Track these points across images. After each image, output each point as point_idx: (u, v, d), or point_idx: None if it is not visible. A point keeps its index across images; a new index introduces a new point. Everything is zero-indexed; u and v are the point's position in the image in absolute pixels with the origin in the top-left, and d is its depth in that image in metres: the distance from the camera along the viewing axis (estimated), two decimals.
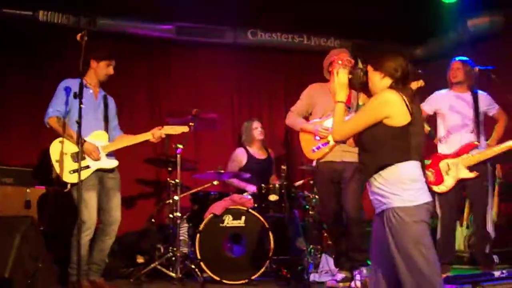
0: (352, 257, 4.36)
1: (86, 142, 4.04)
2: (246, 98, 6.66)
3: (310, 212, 5.22)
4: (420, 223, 2.61)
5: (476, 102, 4.62)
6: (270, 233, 4.60)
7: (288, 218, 4.87)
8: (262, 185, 4.95)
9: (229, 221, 4.71)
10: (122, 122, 4.51)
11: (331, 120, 3.16)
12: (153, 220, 5.36)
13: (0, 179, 4.80)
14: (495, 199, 5.24)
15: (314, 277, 4.64)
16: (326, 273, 4.70)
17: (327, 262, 4.78)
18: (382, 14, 6.08)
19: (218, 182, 5.20)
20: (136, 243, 5.20)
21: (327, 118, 4.37)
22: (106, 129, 4.27)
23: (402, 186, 2.63)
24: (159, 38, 6.17)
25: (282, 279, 4.61)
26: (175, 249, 4.60)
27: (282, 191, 4.82)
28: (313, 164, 4.66)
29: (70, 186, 4.01)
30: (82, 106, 3.61)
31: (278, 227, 4.82)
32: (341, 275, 4.43)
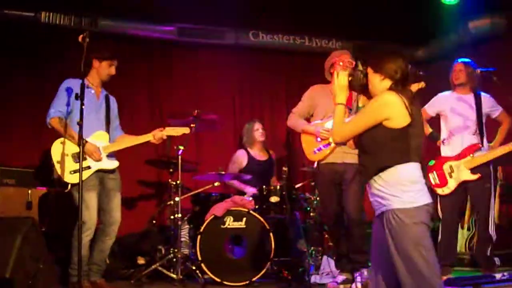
0: (353, 258, 4.35)
1: (88, 143, 4.04)
2: (247, 100, 6.66)
3: (311, 213, 5.22)
4: (420, 225, 2.60)
5: (478, 104, 4.61)
6: (271, 234, 4.60)
7: (289, 220, 4.86)
8: (263, 186, 4.94)
9: (230, 222, 4.70)
10: (122, 124, 4.51)
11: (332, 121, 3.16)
12: (154, 221, 5.37)
13: (2, 180, 4.80)
14: (496, 201, 5.23)
15: (315, 278, 4.64)
16: (327, 274, 4.70)
17: (328, 263, 4.78)
18: (383, 16, 6.09)
19: (219, 184, 5.20)
20: (137, 244, 5.20)
21: (329, 119, 4.37)
22: (107, 129, 4.27)
23: (402, 188, 2.63)
24: (160, 39, 6.17)
25: (283, 281, 4.60)
26: (176, 250, 4.60)
27: (283, 193, 4.81)
28: (314, 165, 4.66)
29: (70, 186, 4.01)
30: (83, 107, 3.61)
31: (279, 229, 4.81)
32: (342, 277, 4.43)
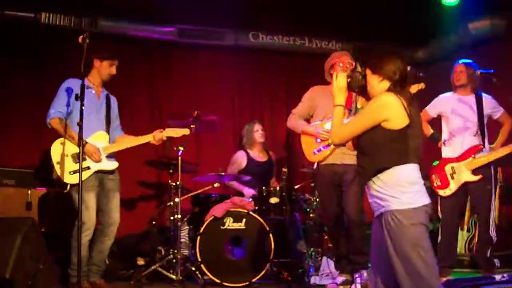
0: (353, 260, 4.35)
1: (88, 144, 4.04)
2: (247, 101, 6.66)
3: (311, 214, 5.21)
4: (418, 226, 2.60)
5: (480, 105, 4.61)
6: (271, 235, 4.60)
7: (288, 221, 4.86)
8: (263, 187, 4.94)
9: (229, 223, 4.70)
10: (122, 124, 4.51)
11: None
12: (154, 222, 5.37)
13: (1, 181, 4.80)
14: (496, 202, 5.23)
15: (315, 280, 4.63)
16: (327, 276, 4.69)
17: (328, 265, 4.77)
18: (383, 17, 6.09)
19: (219, 185, 5.20)
20: (136, 245, 5.20)
21: (328, 120, 4.36)
22: (107, 129, 4.27)
23: (401, 189, 2.63)
24: (160, 40, 6.17)
25: (283, 282, 4.60)
26: (176, 251, 4.60)
27: (283, 194, 4.81)
28: (314, 166, 4.66)
29: (69, 187, 4.01)
30: (83, 107, 3.60)
31: (279, 230, 4.81)
32: (341, 278, 4.43)
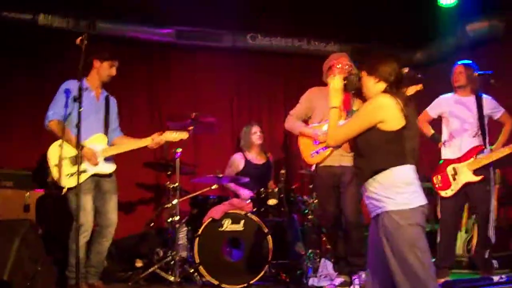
0: (351, 261, 4.36)
1: (85, 147, 4.02)
2: (245, 102, 6.65)
3: (309, 216, 5.19)
4: (415, 226, 2.60)
5: (479, 106, 4.61)
6: (269, 237, 4.59)
7: (287, 222, 4.87)
8: (261, 189, 4.94)
9: (228, 225, 4.70)
10: (121, 126, 4.51)
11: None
12: (152, 224, 5.37)
13: (0, 183, 4.82)
14: (495, 203, 5.23)
15: (313, 281, 4.62)
16: (325, 277, 4.68)
17: (326, 266, 4.76)
18: (382, 19, 6.10)
19: (217, 186, 5.20)
20: (135, 247, 5.20)
21: (326, 122, 4.36)
22: (106, 131, 4.26)
23: (397, 190, 2.63)
24: (159, 42, 6.17)
25: (281, 284, 4.61)
26: (174, 253, 4.61)
27: (281, 196, 4.81)
28: (312, 168, 4.66)
29: (66, 189, 4.00)
30: (81, 110, 3.58)
31: (277, 231, 4.81)
32: (340, 280, 4.43)
